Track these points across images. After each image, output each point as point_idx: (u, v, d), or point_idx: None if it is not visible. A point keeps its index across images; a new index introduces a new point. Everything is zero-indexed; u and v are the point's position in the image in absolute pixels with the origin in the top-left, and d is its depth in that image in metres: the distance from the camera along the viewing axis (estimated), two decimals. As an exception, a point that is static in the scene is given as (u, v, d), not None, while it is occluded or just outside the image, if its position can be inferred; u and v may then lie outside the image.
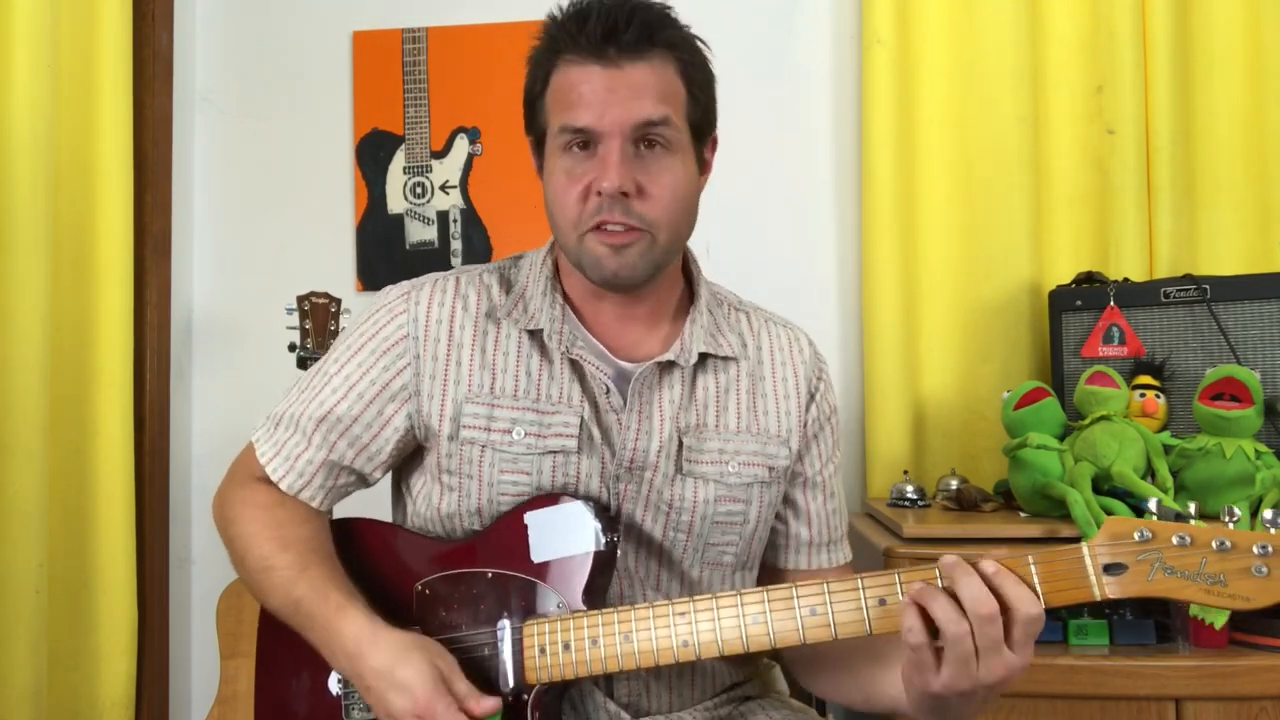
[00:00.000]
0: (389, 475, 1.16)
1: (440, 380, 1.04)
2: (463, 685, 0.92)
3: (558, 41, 1.00)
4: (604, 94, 0.97)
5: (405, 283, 1.10)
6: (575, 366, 1.04)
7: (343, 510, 1.14)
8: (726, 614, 0.92)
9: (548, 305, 1.06)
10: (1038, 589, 0.84)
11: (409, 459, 1.12)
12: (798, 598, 0.90)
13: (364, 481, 1.11)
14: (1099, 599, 0.84)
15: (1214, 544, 0.82)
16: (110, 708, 1.92)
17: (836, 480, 1.17)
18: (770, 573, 1.16)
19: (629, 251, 0.99)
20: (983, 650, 0.81)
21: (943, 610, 0.81)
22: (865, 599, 0.89)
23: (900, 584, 0.88)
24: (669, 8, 1.02)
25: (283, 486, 1.07)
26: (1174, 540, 0.83)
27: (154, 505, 2.10)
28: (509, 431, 1.02)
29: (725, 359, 1.09)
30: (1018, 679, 0.84)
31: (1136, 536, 0.84)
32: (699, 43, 1.04)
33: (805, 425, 1.12)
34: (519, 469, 1.02)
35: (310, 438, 1.06)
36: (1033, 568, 0.85)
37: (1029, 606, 0.82)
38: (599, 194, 0.97)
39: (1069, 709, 1.44)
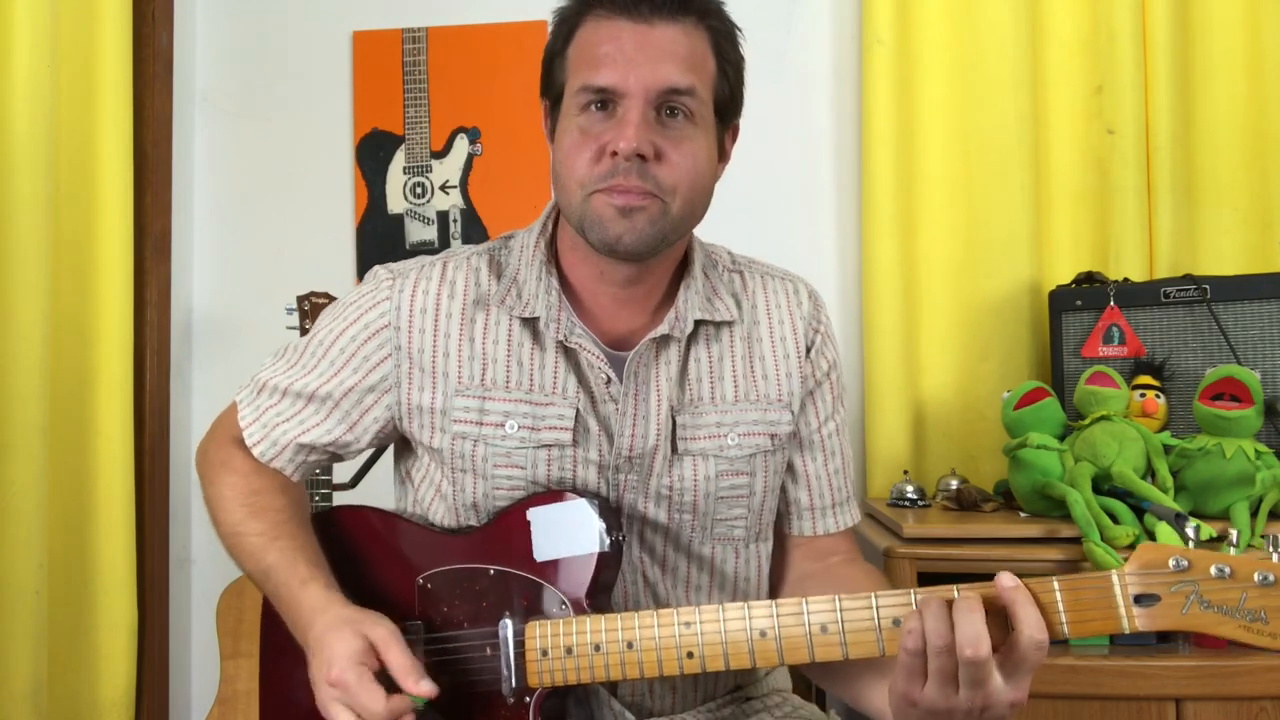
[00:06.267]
0: (392, 462, 1.16)
1: (429, 373, 1.02)
2: (399, 659, 0.89)
3: None
4: (631, 52, 0.92)
5: (392, 266, 1.07)
6: (570, 355, 1.01)
7: (345, 497, 1.14)
8: (734, 625, 0.87)
9: (543, 291, 1.02)
10: (1063, 616, 0.78)
11: (407, 446, 1.11)
12: (808, 614, 0.86)
13: (338, 458, 1.12)
14: (1127, 631, 0.78)
15: (1257, 577, 0.75)
16: (110, 708, 1.92)
17: (839, 439, 1.11)
18: (778, 540, 1.12)
19: (638, 216, 0.93)
20: (964, 682, 0.77)
21: (933, 625, 0.78)
22: (879, 618, 0.84)
23: (916, 604, 0.82)
24: None
25: (255, 454, 1.07)
26: (1212, 571, 0.76)
27: (154, 505, 2.10)
28: (501, 425, 1.00)
29: (720, 324, 1.05)
30: (1011, 715, 0.79)
31: (1171, 565, 0.77)
32: (734, 24, 1.00)
33: (803, 381, 1.08)
34: (513, 463, 1.00)
35: (297, 412, 1.06)
36: (1058, 594, 0.79)
37: (1034, 631, 0.77)
38: (613, 155, 0.92)
39: (1069, 709, 1.44)
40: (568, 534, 0.96)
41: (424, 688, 0.88)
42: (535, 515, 0.98)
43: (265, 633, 1.11)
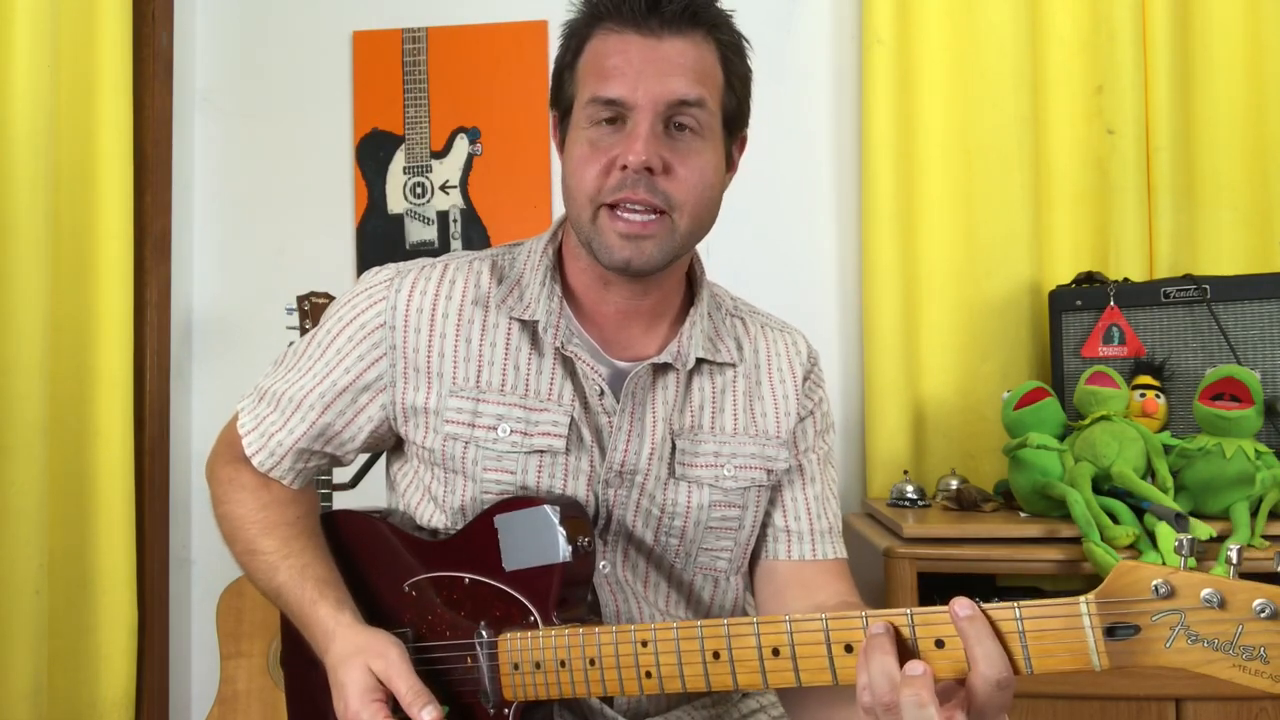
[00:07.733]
0: (383, 464, 1.16)
1: (423, 373, 1.01)
2: (405, 685, 0.90)
3: (597, 9, 0.95)
4: (640, 65, 0.92)
5: (392, 266, 1.06)
6: (568, 363, 1.00)
7: (345, 497, 1.14)
8: (687, 646, 0.81)
9: (545, 297, 1.01)
10: (1026, 650, 0.68)
11: (395, 451, 1.11)
12: (759, 635, 0.78)
13: (337, 462, 1.11)
14: (1098, 669, 0.66)
15: (1255, 606, 0.62)
16: (110, 708, 1.92)
17: (821, 470, 1.11)
18: (753, 564, 1.11)
19: (645, 242, 0.93)
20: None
21: (877, 675, 0.71)
22: (830, 642, 0.76)
23: (867, 627, 0.74)
24: None
25: (254, 463, 1.07)
26: (1202, 598, 0.63)
27: (154, 505, 2.10)
28: (494, 428, 0.98)
29: (722, 365, 1.06)
30: None
31: (1153, 590, 0.65)
32: (742, 36, 1.01)
33: (798, 415, 1.09)
34: (503, 467, 0.99)
35: (287, 419, 1.06)
36: (1019, 622, 0.69)
37: (990, 670, 0.68)
38: (623, 168, 0.92)
39: (1069, 709, 1.44)
40: (532, 542, 0.92)
41: (427, 717, 0.88)
42: (502, 522, 0.94)
43: (286, 634, 1.11)
